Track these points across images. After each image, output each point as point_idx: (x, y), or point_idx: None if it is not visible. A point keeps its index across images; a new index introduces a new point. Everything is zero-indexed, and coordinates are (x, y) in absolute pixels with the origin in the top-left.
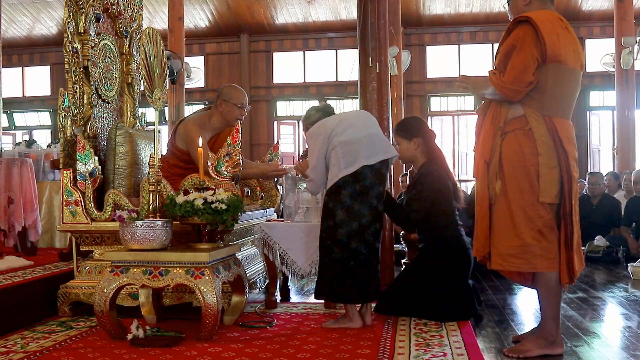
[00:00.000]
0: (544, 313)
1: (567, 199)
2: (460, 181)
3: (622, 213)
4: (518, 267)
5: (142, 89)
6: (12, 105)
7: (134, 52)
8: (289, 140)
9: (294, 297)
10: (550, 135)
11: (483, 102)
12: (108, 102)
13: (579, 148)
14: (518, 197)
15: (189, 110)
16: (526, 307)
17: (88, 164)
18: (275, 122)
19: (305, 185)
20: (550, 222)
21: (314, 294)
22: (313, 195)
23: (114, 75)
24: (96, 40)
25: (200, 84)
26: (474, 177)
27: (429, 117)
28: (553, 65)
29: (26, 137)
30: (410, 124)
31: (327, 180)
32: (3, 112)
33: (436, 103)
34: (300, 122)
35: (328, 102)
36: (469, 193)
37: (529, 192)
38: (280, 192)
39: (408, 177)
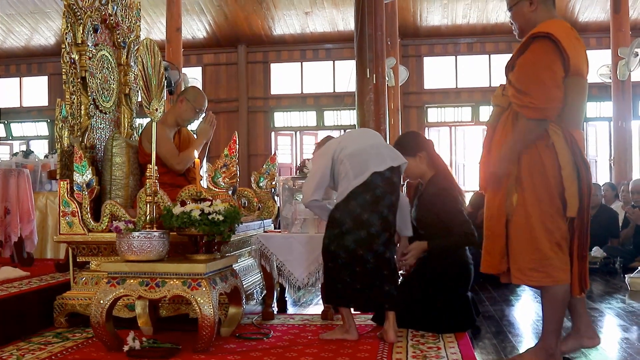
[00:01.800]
0: (547, 326)
1: (585, 211)
2: None
3: (620, 224)
4: (538, 282)
5: (139, 99)
6: (10, 115)
7: (132, 63)
8: (286, 151)
9: (291, 309)
10: (570, 148)
11: (491, 115)
12: (105, 113)
13: None
14: (537, 210)
15: None
16: (524, 318)
17: (85, 174)
18: (273, 133)
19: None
20: (566, 234)
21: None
22: (310, 207)
23: (112, 86)
24: (94, 51)
25: None
26: (480, 190)
27: (426, 128)
28: (574, 79)
29: (23, 148)
30: (410, 140)
31: (338, 194)
32: (0, 122)
33: (433, 114)
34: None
35: (325, 112)
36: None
37: (548, 204)
38: (278, 203)
39: (405, 188)
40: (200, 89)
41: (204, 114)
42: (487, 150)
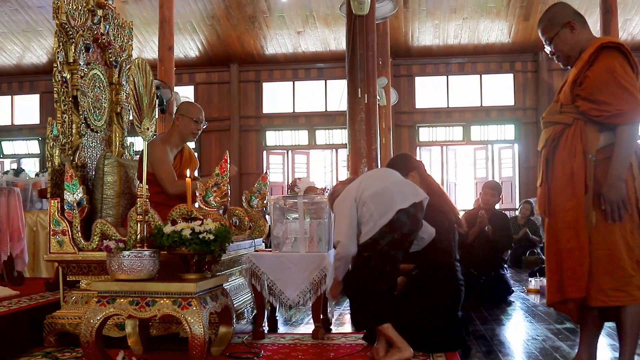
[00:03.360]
0: (628, 349)
1: None
2: None
3: None
4: (620, 301)
5: (131, 118)
6: (1, 133)
7: (124, 82)
8: (278, 170)
9: (282, 328)
10: (638, 159)
11: (546, 135)
12: (97, 132)
13: None
14: (618, 226)
15: None
16: (515, 338)
17: (76, 193)
18: (265, 152)
19: (294, 216)
20: None
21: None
22: (344, 258)
23: (103, 105)
24: (86, 70)
25: None
26: (542, 213)
27: (418, 148)
28: None
29: (14, 166)
30: (401, 161)
31: (363, 234)
32: None
33: (425, 133)
34: (328, 199)
35: (317, 131)
36: None
37: (629, 220)
38: (269, 222)
39: None
40: (192, 101)
41: (205, 124)
42: (552, 168)
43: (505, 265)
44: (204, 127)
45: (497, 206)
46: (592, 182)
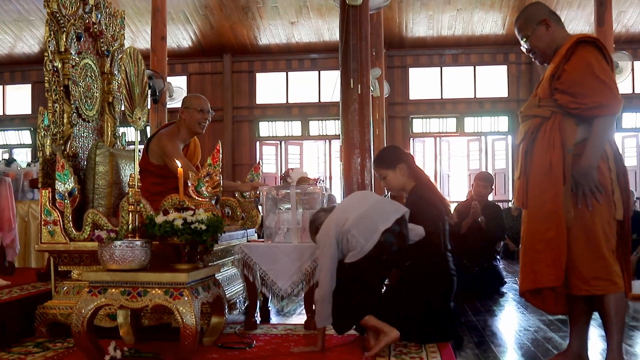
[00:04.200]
0: (615, 337)
1: (628, 214)
2: None
3: None
4: (604, 290)
5: (123, 108)
6: None
7: (115, 72)
8: (271, 161)
9: (274, 318)
10: (613, 153)
11: (525, 128)
12: (88, 121)
13: None
14: (598, 216)
15: None
16: (506, 329)
17: (67, 183)
18: (258, 143)
19: (286, 206)
20: (616, 240)
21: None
22: (326, 297)
23: (95, 94)
24: (77, 59)
25: None
26: (520, 204)
27: (411, 139)
28: None
29: (6, 156)
30: (388, 153)
31: (348, 256)
32: None
33: (418, 125)
34: (309, 229)
35: (310, 122)
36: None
37: (607, 210)
38: (261, 212)
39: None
40: (196, 94)
41: (212, 113)
42: (531, 161)
43: (498, 257)
44: (211, 116)
45: (490, 197)
46: (570, 173)
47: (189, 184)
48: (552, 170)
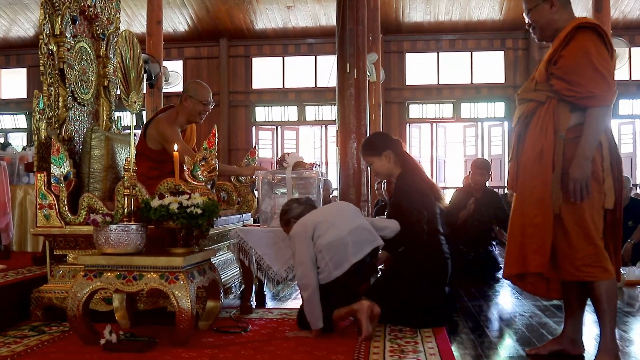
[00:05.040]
0: (608, 323)
1: (619, 204)
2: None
3: None
4: (594, 276)
5: (118, 92)
6: None
7: (111, 55)
8: (267, 146)
9: (270, 303)
10: (608, 141)
11: (521, 111)
12: (84, 105)
13: None
14: (589, 204)
15: None
16: (501, 314)
17: (62, 167)
18: (254, 128)
19: (282, 191)
20: (604, 227)
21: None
22: (311, 286)
23: (90, 78)
24: (72, 42)
25: (179, 88)
26: (510, 188)
27: (408, 124)
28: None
29: (1, 140)
30: (374, 140)
31: (319, 279)
32: None
33: (415, 110)
34: (280, 217)
35: (306, 107)
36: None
37: (597, 199)
38: (257, 197)
39: (384, 184)
40: (200, 81)
41: (213, 104)
42: (523, 145)
43: (494, 242)
44: (212, 107)
45: (486, 184)
46: (561, 160)
47: (185, 168)
48: (543, 156)
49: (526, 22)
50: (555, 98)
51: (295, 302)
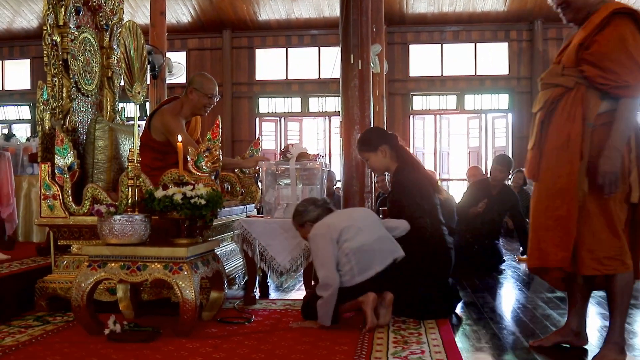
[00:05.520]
0: (618, 317)
1: None
2: (442, 180)
3: None
4: (614, 270)
5: (122, 83)
6: None
7: (115, 46)
8: (270, 137)
9: (273, 294)
10: (635, 132)
11: (546, 97)
12: (88, 96)
13: None
14: (612, 197)
15: None
16: (505, 306)
17: (66, 157)
18: (257, 119)
19: (285, 182)
20: (624, 221)
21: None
22: (326, 293)
23: (94, 68)
24: (76, 33)
25: (182, 79)
26: (531, 177)
27: (411, 116)
28: None
29: (5, 131)
30: (370, 136)
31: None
32: None
33: (418, 102)
34: (293, 217)
35: (310, 98)
36: (449, 192)
37: (621, 190)
38: (260, 188)
39: (387, 175)
40: (206, 74)
41: (218, 97)
42: (547, 133)
43: (501, 236)
44: (217, 100)
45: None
46: (589, 149)
47: (189, 159)
48: (569, 144)
49: (556, 0)
50: (585, 84)
51: (298, 293)
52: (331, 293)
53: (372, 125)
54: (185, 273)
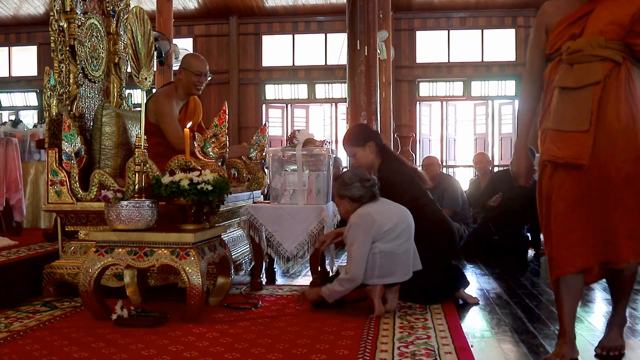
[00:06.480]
0: (625, 301)
1: None
2: (449, 167)
3: None
4: None
5: (129, 69)
6: None
7: (121, 32)
8: (277, 124)
9: (280, 280)
10: None
11: (591, 65)
12: (94, 82)
13: None
14: None
15: None
16: (512, 292)
17: (73, 143)
18: (264, 106)
19: (292, 168)
20: None
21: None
22: (345, 287)
23: (101, 54)
24: (83, 19)
25: None
26: (580, 162)
27: (418, 102)
28: None
29: (12, 117)
30: (358, 132)
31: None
32: None
33: (425, 88)
34: (336, 183)
35: (316, 84)
36: (454, 178)
37: None
38: (267, 174)
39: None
40: (196, 54)
41: (210, 76)
42: (605, 111)
43: (525, 226)
44: (209, 79)
45: (497, 164)
46: None
47: (195, 145)
48: (636, 124)
49: None
50: (630, 60)
51: (305, 279)
52: (350, 287)
53: (378, 112)
54: (192, 259)
